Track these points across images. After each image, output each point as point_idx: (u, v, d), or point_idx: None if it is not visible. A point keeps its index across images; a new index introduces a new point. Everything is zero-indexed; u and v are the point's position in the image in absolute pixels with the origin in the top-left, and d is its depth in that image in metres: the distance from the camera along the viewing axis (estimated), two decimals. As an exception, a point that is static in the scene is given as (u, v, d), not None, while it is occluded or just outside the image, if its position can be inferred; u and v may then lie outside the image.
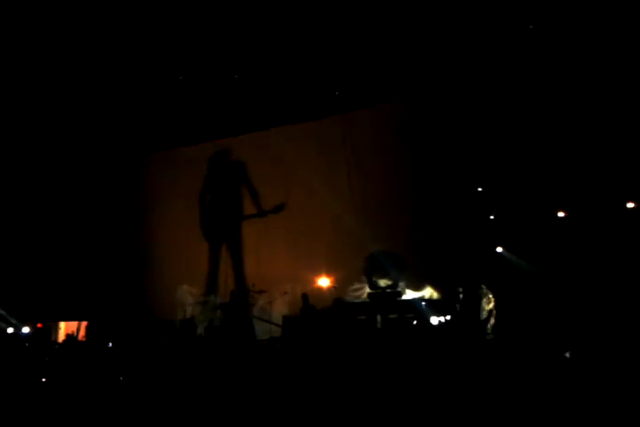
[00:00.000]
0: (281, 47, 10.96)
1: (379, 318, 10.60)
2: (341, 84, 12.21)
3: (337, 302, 11.11)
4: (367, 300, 11.34)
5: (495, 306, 10.37)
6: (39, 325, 12.84)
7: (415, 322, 9.80)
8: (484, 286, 10.74)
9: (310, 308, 11.27)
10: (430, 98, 11.88)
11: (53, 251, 14.40)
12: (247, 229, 13.86)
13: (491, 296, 10.61)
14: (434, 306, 10.32)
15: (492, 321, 10.11)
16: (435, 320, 9.64)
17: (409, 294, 11.42)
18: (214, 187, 14.40)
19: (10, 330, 12.18)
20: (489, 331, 9.92)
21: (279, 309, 12.59)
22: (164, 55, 11.20)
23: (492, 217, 11.00)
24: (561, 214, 10.60)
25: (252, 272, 13.38)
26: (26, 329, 12.31)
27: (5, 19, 9.74)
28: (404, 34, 10.45)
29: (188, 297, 13.77)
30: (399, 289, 11.36)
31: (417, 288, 11.53)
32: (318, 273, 12.21)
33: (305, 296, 11.49)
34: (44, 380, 7.75)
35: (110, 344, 10.66)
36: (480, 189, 11.24)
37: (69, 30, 10.20)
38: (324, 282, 12.08)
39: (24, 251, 14.43)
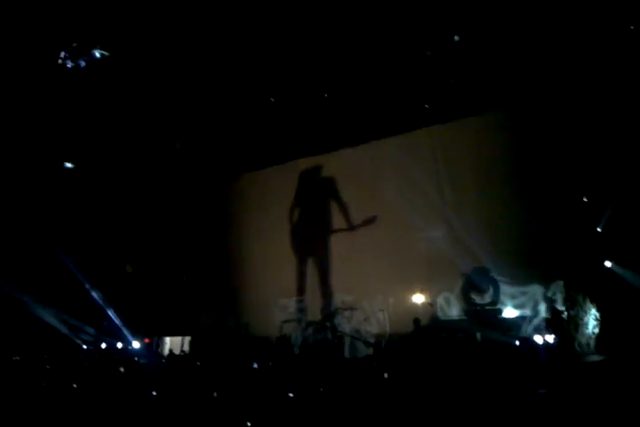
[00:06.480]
0: (369, 63, 11.02)
1: (478, 335, 10.18)
2: (432, 96, 12.08)
3: (434, 320, 10.79)
4: (464, 317, 10.96)
5: (602, 324, 9.67)
6: (147, 340, 13.47)
7: (517, 342, 9.29)
8: (590, 303, 10.04)
9: (422, 333, 10.75)
10: (528, 106, 11.38)
11: (157, 270, 15.17)
12: (336, 244, 13.85)
13: (597, 313, 9.89)
14: (538, 325, 9.77)
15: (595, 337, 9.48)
16: (539, 340, 9.08)
17: (510, 312, 10.89)
18: (304, 202, 14.60)
19: (119, 345, 12.89)
20: (593, 350, 9.27)
21: (374, 326, 12.47)
22: (257, 79, 11.63)
23: (599, 229, 10.27)
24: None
25: (341, 288, 13.36)
26: (136, 344, 12.97)
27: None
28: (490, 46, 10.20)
29: (281, 314, 13.94)
30: (499, 306, 10.88)
31: (518, 306, 11.00)
32: (411, 289, 11.94)
33: (417, 321, 10.97)
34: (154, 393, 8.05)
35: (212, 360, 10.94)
36: (586, 200, 10.56)
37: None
38: (418, 298, 11.78)
39: (133, 271, 15.31)
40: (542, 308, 10.72)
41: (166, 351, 13.92)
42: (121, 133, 13.56)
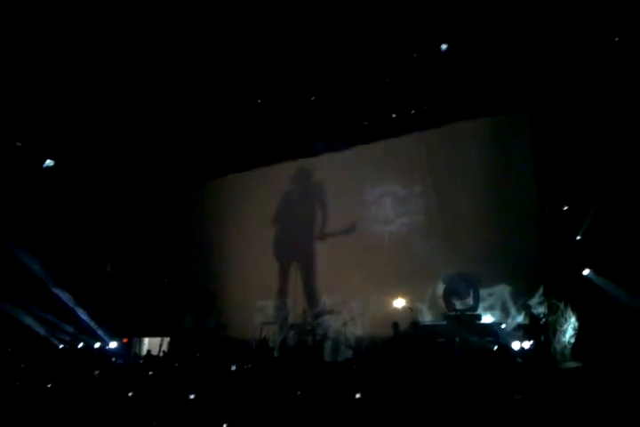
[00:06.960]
0: (356, 67, 11.05)
1: (457, 340, 10.21)
2: (418, 101, 12.15)
3: (414, 325, 10.80)
4: (444, 322, 10.99)
5: (579, 332, 9.78)
6: (125, 340, 13.34)
7: (495, 347, 9.34)
8: (571, 312, 10.14)
9: (401, 338, 10.78)
10: (512, 113, 11.51)
11: (138, 271, 15.05)
12: (318, 248, 13.86)
13: (574, 320, 10.00)
14: (515, 331, 9.83)
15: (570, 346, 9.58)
16: (516, 346, 9.15)
17: (489, 318, 10.96)
18: (288, 206, 14.57)
19: (97, 345, 12.74)
20: (569, 358, 9.35)
21: (355, 329, 12.46)
22: (243, 81, 11.61)
23: (578, 237, 10.39)
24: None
25: (323, 291, 13.38)
26: (113, 344, 12.83)
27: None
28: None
29: (261, 316, 13.89)
30: (479, 312, 10.93)
31: (497, 312, 11.06)
32: (392, 293, 11.96)
33: (396, 325, 10.99)
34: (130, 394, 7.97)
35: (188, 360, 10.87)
36: (566, 208, 10.69)
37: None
38: (399, 303, 11.80)
39: (112, 271, 15.18)
40: (513, 311, 10.83)
41: (144, 352, 13.79)
42: (104, 131, 13.47)
